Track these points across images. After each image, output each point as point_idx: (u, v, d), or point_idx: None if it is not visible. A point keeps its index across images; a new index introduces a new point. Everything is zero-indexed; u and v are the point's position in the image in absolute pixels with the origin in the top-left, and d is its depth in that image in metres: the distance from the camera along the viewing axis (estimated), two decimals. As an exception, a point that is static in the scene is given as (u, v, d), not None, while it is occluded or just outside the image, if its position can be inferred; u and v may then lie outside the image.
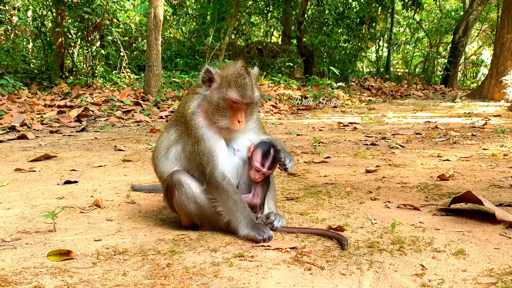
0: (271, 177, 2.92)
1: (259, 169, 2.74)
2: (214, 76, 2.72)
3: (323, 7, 17.64)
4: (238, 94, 2.66)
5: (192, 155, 2.74)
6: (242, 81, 2.69)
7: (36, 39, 16.45)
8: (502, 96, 14.48)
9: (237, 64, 2.79)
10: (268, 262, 2.33)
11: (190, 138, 2.74)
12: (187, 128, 2.76)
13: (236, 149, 2.83)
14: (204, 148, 2.69)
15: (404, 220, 2.98)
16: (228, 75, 2.71)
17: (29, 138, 6.72)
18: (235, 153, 2.82)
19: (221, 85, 2.70)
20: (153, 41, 10.53)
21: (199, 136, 2.71)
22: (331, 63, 18.54)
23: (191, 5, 20.71)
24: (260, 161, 2.74)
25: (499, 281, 2.11)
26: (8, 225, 2.91)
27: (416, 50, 27.37)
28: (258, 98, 2.79)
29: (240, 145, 2.85)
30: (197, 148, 2.70)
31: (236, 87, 2.67)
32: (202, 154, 2.68)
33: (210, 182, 2.69)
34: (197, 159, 2.71)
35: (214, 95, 2.70)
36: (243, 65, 2.76)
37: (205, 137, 2.71)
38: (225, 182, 2.67)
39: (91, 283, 2.09)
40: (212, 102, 2.70)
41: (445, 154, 5.53)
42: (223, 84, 2.69)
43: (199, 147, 2.69)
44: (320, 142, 6.39)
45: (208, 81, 2.74)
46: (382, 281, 2.12)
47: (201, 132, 2.71)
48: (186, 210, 2.74)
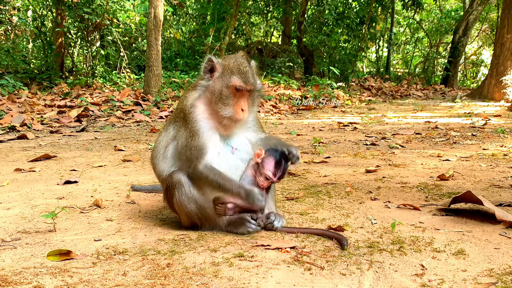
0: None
1: (269, 177, 2.73)
2: (216, 65, 2.74)
3: (323, 7, 17.64)
4: (241, 80, 2.68)
5: (182, 150, 2.71)
6: (245, 69, 2.71)
7: (36, 39, 16.44)
8: (502, 96, 14.48)
9: (237, 54, 2.84)
10: (268, 262, 2.33)
11: (186, 131, 2.71)
12: (185, 121, 2.74)
13: (234, 147, 2.81)
14: (197, 143, 2.66)
15: (404, 220, 2.98)
16: (230, 63, 2.73)
17: (29, 138, 6.72)
18: (233, 152, 2.80)
19: (223, 73, 2.72)
20: (153, 41, 10.53)
21: (196, 129, 2.69)
22: (331, 63, 18.54)
23: (191, 5, 20.71)
24: (273, 171, 2.72)
25: (499, 281, 2.11)
26: (8, 225, 2.91)
27: (416, 50, 27.37)
28: (260, 86, 2.82)
29: (239, 144, 2.83)
30: (190, 142, 2.68)
31: (239, 74, 2.69)
32: (194, 149, 2.66)
33: (194, 175, 2.67)
34: (187, 153, 2.69)
35: (217, 83, 2.71)
36: (244, 55, 2.81)
37: (200, 131, 2.68)
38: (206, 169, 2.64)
39: (91, 283, 2.09)
40: (215, 91, 2.70)
41: (445, 154, 5.53)
42: (225, 72, 2.71)
43: (192, 141, 2.67)
44: (320, 142, 6.39)
45: (210, 72, 2.75)
46: (382, 281, 2.12)
47: (198, 126, 2.69)
48: (186, 210, 2.74)
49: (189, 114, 2.72)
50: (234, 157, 2.80)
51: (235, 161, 2.80)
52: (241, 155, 2.82)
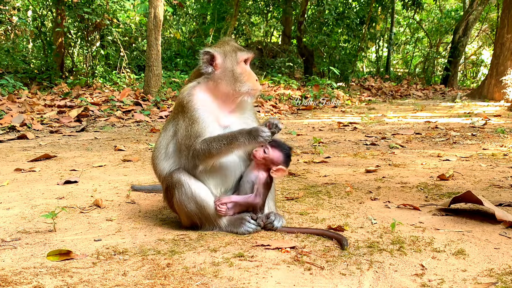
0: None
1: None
2: (215, 54, 2.78)
3: (323, 7, 17.65)
4: (246, 52, 2.83)
5: (182, 140, 2.71)
6: (238, 45, 2.90)
7: (36, 39, 16.45)
8: (502, 96, 14.49)
9: (224, 38, 3.05)
10: (268, 262, 2.33)
11: (185, 121, 2.71)
12: (183, 112, 2.73)
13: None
14: (196, 129, 2.67)
15: (404, 220, 2.98)
16: (226, 46, 2.85)
17: (29, 138, 6.72)
18: None
19: (227, 56, 2.80)
20: (153, 41, 10.53)
21: (195, 117, 2.69)
22: (331, 63, 18.55)
23: (191, 5, 20.72)
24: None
25: (499, 281, 2.11)
26: (8, 225, 2.91)
27: (416, 50, 27.39)
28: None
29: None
30: (190, 130, 2.67)
31: (240, 50, 2.84)
32: (193, 136, 2.66)
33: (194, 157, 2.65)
34: (186, 142, 2.68)
35: (227, 65, 2.78)
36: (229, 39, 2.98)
37: (200, 119, 2.69)
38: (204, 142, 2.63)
39: (91, 283, 2.09)
40: (226, 74, 2.77)
41: (445, 154, 5.53)
42: (229, 54, 2.80)
43: (192, 129, 2.67)
44: (320, 142, 6.39)
45: (210, 62, 2.79)
46: (382, 281, 2.12)
47: (198, 114, 2.70)
48: (186, 210, 2.74)
49: (187, 103, 2.73)
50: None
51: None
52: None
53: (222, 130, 2.75)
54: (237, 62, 2.79)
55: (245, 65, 2.83)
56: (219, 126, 2.75)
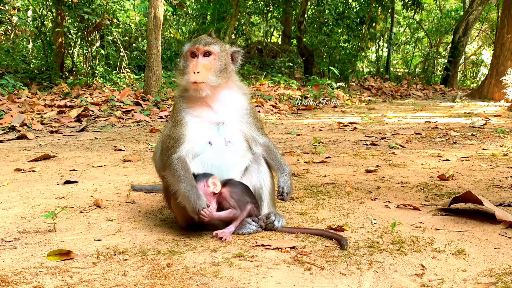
0: (271, 177, 2.92)
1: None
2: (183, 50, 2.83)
3: (323, 7, 17.65)
4: (190, 44, 2.75)
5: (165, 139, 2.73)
6: (198, 37, 2.81)
7: (36, 39, 16.45)
8: (502, 96, 14.49)
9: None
10: (268, 262, 2.33)
11: (171, 121, 2.75)
12: (172, 113, 2.80)
13: (227, 140, 2.78)
14: (177, 132, 2.67)
15: (404, 220, 2.98)
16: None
17: (29, 138, 6.72)
18: (226, 144, 2.77)
19: (182, 53, 2.81)
20: (153, 41, 10.53)
21: (179, 119, 2.71)
22: (331, 63, 18.56)
23: (191, 5, 20.72)
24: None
25: (499, 281, 2.11)
26: (8, 225, 2.91)
27: (416, 50, 27.40)
28: (217, 48, 2.75)
29: (232, 136, 2.79)
30: (173, 131, 2.69)
31: (190, 42, 2.80)
32: (173, 138, 2.67)
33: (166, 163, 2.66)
34: (166, 142, 2.70)
35: (181, 61, 2.81)
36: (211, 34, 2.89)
37: (184, 121, 2.70)
38: (177, 161, 2.62)
39: (91, 283, 2.09)
40: (179, 70, 2.79)
41: (445, 154, 5.53)
42: (183, 50, 2.82)
43: (174, 131, 2.69)
44: (320, 142, 6.39)
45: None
46: (382, 281, 2.12)
47: (182, 115, 2.72)
48: (185, 210, 2.72)
49: (175, 104, 2.79)
50: (227, 149, 2.78)
51: (228, 153, 2.78)
52: (234, 148, 2.80)
53: (215, 127, 2.76)
54: (183, 56, 2.78)
55: (192, 58, 2.72)
56: (210, 124, 2.76)
